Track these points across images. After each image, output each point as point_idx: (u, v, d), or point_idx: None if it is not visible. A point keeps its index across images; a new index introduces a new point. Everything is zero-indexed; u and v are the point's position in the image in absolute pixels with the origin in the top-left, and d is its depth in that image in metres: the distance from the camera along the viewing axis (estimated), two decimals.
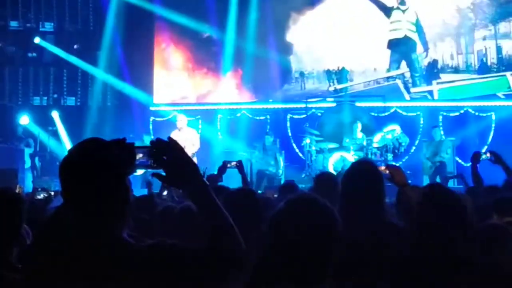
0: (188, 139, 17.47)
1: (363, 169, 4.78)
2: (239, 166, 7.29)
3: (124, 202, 2.93)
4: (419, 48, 21.02)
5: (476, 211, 4.21)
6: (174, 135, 17.30)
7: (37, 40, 22.21)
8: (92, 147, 2.99)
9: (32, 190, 14.32)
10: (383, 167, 5.16)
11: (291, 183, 9.37)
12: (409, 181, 5.48)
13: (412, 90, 21.01)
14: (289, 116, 21.23)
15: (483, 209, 5.52)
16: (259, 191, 13.22)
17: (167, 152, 2.98)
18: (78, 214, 2.86)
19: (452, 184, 16.03)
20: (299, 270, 2.83)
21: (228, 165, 7.31)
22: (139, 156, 2.97)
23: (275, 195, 8.42)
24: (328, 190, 6.50)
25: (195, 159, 17.53)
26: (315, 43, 21.64)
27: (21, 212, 3.45)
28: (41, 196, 11.75)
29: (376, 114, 20.40)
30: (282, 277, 2.86)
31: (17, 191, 14.32)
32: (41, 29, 22.84)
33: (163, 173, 2.98)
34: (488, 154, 7.79)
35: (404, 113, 20.53)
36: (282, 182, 16.56)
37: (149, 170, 3.00)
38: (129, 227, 2.97)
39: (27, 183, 18.98)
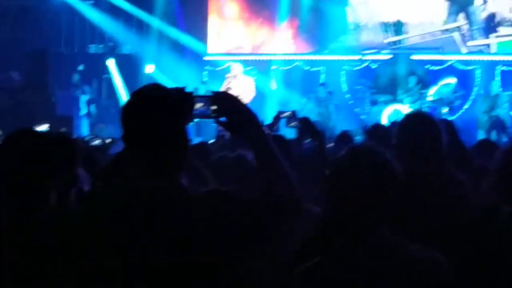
0: (243, 86, 17.53)
1: (420, 121, 4.67)
2: (306, 123, 6.50)
3: (184, 149, 2.95)
4: (477, 0, 20.66)
5: None
6: (228, 82, 17.44)
7: None
8: (154, 92, 2.99)
9: (87, 136, 14.47)
10: None
11: (347, 133, 9.34)
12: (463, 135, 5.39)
13: (469, 43, 20.70)
14: (344, 68, 21.10)
15: None
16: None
17: (227, 102, 3.06)
18: (138, 159, 2.86)
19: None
20: (357, 218, 2.85)
21: (281, 116, 7.29)
22: (199, 105, 2.99)
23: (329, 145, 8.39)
24: (382, 143, 6.49)
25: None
26: None
27: (75, 157, 3.47)
28: (96, 142, 11.90)
29: (432, 67, 20.18)
30: (340, 225, 2.87)
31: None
32: None
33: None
34: None
35: (461, 67, 20.27)
36: (335, 133, 16.54)
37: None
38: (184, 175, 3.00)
39: (83, 130, 19.22)
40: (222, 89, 17.38)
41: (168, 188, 2.81)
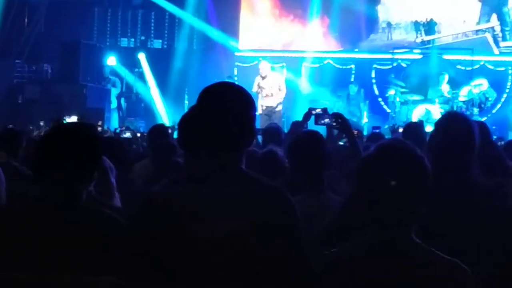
0: (274, 84, 17.52)
1: (455, 121, 4.62)
2: (342, 122, 6.31)
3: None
4: (511, 2, 20.52)
5: None
6: (258, 82, 17.48)
7: None
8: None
9: (118, 129, 14.57)
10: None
11: (379, 133, 9.34)
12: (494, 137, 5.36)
13: (502, 44, 20.59)
14: (374, 66, 21.05)
15: None
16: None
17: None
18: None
19: None
20: (385, 214, 2.83)
21: (313, 112, 7.27)
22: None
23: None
24: (416, 140, 6.47)
25: (281, 106, 17.62)
26: None
27: (98, 147, 3.51)
28: (126, 135, 12.00)
29: (463, 68, 20.08)
30: (367, 220, 2.88)
31: (99, 129, 14.69)
32: None
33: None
34: None
35: (492, 68, 20.15)
36: (365, 133, 16.52)
37: None
38: None
39: (113, 123, 19.33)
40: (253, 89, 17.45)
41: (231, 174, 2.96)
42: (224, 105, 2.96)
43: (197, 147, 3.04)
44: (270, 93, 17.58)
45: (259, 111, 17.61)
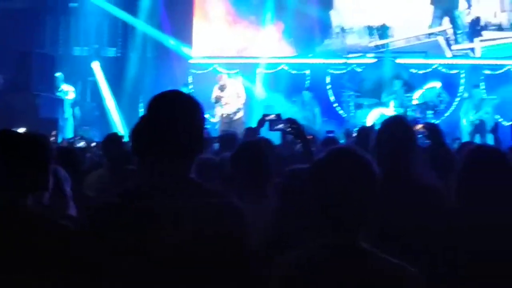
0: (233, 93, 17.63)
1: (394, 127, 4.69)
2: (296, 128, 6.30)
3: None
4: (462, 4, 20.73)
5: None
6: (216, 93, 17.59)
7: None
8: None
9: (72, 138, 14.45)
10: (420, 125, 5.11)
11: (333, 137, 9.36)
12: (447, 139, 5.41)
13: (454, 47, 20.79)
14: (329, 71, 21.11)
15: None
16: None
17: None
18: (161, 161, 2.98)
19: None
20: (335, 219, 2.86)
21: (267, 118, 7.25)
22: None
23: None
24: (368, 144, 6.49)
25: (242, 113, 17.67)
26: None
27: (46, 156, 3.47)
28: (80, 144, 11.91)
29: (416, 71, 20.23)
30: (318, 223, 2.89)
31: (52, 139, 14.54)
32: None
33: None
34: None
35: (445, 71, 20.33)
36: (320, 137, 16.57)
37: None
38: None
39: (67, 132, 19.15)
40: (212, 98, 17.57)
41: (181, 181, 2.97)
42: (172, 114, 2.96)
43: (146, 156, 3.01)
44: (228, 101, 17.70)
45: (217, 119, 17.65)
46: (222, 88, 18.00)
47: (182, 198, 2.87)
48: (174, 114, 2.96)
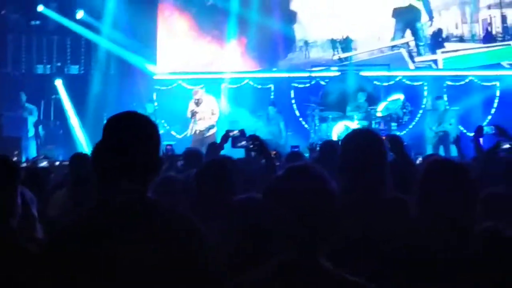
0: (207, 109, 17.60)
1: (361, 139, 4.66)
2: (259, 144, 6.41)
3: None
4: (424, 17, 20.91)
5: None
6: (192, 107, 17.54)
7: (40, 8, 22.07)
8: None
9: (34, 158, 14.30)
10: (382, 138, 5.10)
11: (298, 152, 9.36)
12: (412, 150, 5.42)
13: (417, 59, 20.95)
14: (293, 85, 21.16)
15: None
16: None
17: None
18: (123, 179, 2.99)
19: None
20: (293, 236, 2.86)
21: (230, 134, 7.25)
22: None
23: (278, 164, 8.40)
24: (332, 159, 6.50)
25: (214, 130, 17.62)
26: (319, 11, 21.53)
27: (15, 179, 3.44)
28: (43, 164, 11.78)
29: (380, 83, 20.33)
30: (275, 241, 2.90)
31: (14, 159, 14.39)
32: None
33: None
34: (491, 128, 7.72)
35: (409, 82, 20.46)
36: (286, 151, 16.59)
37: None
38: None
39: (31, 152, 18.99)
40: (188, 113, 17.56)
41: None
42: (127, 135, 2.98)
43: (105, 176, 3.02)
44: (203, 117, 17.66)
45: (189, 133, 17.58)
46: (197, 103, 17.91)
47: (138, 218, 2.89)
48: (129, 136, 2.98)
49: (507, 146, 7.13)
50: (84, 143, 20.46)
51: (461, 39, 20.85)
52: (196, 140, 17.43)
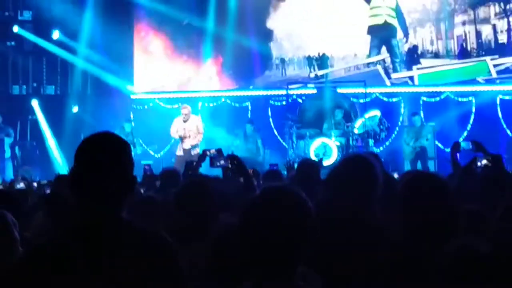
0: (193, 127, 17.46)
1: (357, 168, 4.65)
2: (237, 164, 6.47)
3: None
4: (399, 33, 21.02)
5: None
6: (178, 123, 17.34)
7: (15, 29, 22.03)
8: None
9: (12, 179, 14.21)
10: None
11: (276, 170, 9.36)
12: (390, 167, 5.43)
13: (393, 75, 21.02)
14: (270, 102, 21.19)
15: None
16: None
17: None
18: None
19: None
20: (265, 259, 2.87)
21: (208, 153, 7.24)
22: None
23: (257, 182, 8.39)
24: (309, 177, 6.51)
25: (198, 149, 17.47)
26: (295, 29, 21.60)
27: None
28: (21, 185, 11.69)
29: (357, 100, 20.39)
30: (250, 263, 2.91)
31: None
32: (19, 18, 22.65)
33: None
34: (468, 143, 7.73)
35: (385, 99, 20.53)
36: (265, 169, 16.60)
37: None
38: None
39: (8, 173, 18.88)
40: (174, 130, 17.42)
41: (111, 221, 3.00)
42: (99, 158, 3.00)
43: (80, 198, 3.03)
44: (188, 135, 17.50)
45: (180, 153, 17.39)
46: (185, 119, 17.71)
47: (110, 240, 2.91)
48: (101, 158, 2.99)
49: (484, 162, 7.15)
50: (61, 164, 20.37)
51: (436, 55, 20.98)
52: (181, 161, 17.10)
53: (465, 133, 19.33)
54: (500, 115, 19.80)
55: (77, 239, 2.91)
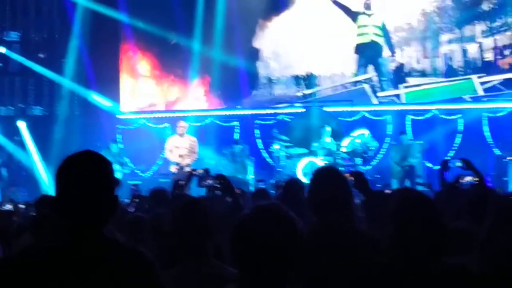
0: (188, 148, 17.21)
1: (326, 177, 4.73)
2: (224, 183, 6.41)
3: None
4: (386, 52, 21.09)
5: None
6: (173, 141, 17.12)
7: (2, 49, 22.01)
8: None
9: None
10: (347, 174, 5.13)
11: (264, 190, 9.35)
12: (378, 185, 5.45)
13: (380, 94, 21.06)
14: (257, 122, 21.19)
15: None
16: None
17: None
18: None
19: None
20: (256, 276, 2.87)
21: (195, 173, 7.24)
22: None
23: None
24: (296, 196, 6.50)
25: (189, 168, 17.31)
26: (282, 49, 21.65)
27: None
28: (7, 207, 11.64)
29: (344, 119, 20.41)
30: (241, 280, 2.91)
31: None
32: (6, 39, 22.65)
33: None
34: (458, 161, 7.72)
35: (372, 117, 20.56)
36: (252, 188, 16.56)
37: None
38: None
39: None
40: (166, 151, 17.14)
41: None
42: (78, 177, 3.01)
43: (63, 217, 3.02)
44: (183, 154, 17.22)
45: (172, 170, 17.15)
46: (181, 136, 17.41)
47: (91, 255, 2.92)
48: (81, 177, 3.00)
49: (468, 179, 7.16)
50: (48, 184, 20.30)
51: (423, 73, 21.05)
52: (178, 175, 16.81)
53: (453, 152, 19.35)
54: (487, 133, 19.84)
55: (55, 256, 2.90)
